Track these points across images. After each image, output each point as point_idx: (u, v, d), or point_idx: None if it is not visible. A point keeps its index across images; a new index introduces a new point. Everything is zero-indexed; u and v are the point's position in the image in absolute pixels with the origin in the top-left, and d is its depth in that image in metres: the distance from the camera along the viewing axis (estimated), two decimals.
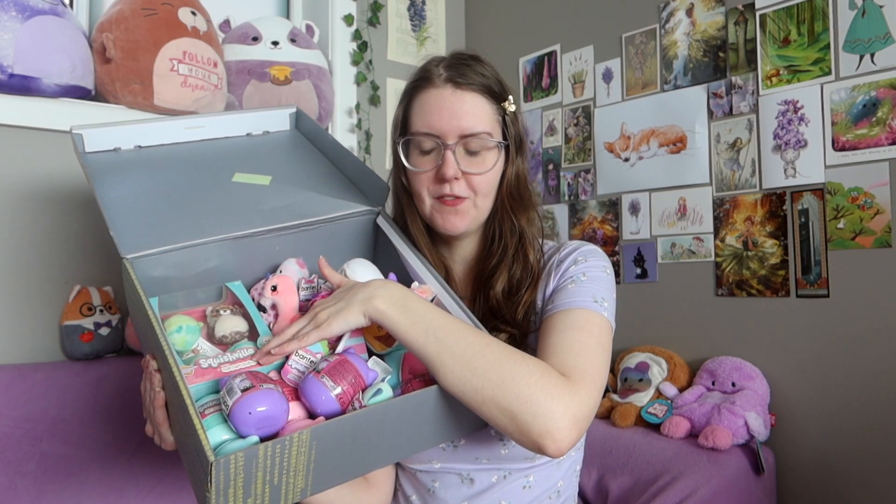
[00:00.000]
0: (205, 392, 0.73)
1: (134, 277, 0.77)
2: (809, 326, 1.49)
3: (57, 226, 1.41)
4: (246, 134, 1.09)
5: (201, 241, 0.86)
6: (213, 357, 0.76)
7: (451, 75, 0.92)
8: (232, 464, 0.59)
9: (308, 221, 0.93)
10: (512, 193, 0.97)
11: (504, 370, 0.71)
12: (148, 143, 1.01)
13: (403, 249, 0.93)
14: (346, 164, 1.04)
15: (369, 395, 0.72)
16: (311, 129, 1.11)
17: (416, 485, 1.00)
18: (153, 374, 0.75)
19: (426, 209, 0.95)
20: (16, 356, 1.36)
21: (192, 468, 0.67)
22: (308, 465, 0.65)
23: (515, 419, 0.71)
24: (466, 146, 0.92)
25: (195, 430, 0.61)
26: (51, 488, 1.20)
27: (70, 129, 0.95)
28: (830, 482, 1.45)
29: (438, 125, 0.91)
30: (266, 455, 0.61)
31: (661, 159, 1.76)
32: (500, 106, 0.95)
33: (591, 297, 0.87)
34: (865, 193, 1.40)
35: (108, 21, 1.44)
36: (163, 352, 0.69)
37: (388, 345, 0.83)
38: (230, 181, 0.97)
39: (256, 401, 0.66)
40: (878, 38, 1.39)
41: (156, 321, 0.72)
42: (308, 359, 0.75)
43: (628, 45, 1.84)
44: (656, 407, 1.56)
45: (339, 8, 1.95)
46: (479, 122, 0.92)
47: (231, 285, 0.88)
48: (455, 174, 0.91)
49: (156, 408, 0.75)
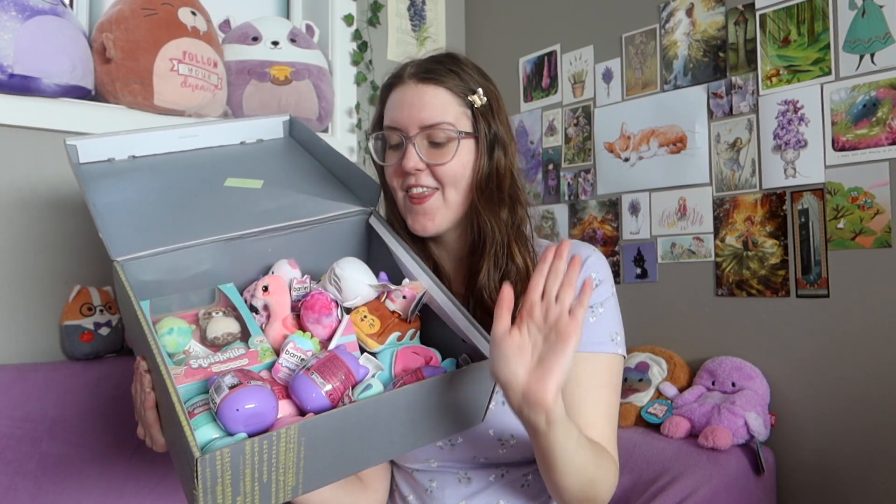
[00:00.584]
0: (195, 392, 0.73)
1: (124, 279, 0.77)
2: (809, 326, 1.48)
3: (57, 226, 1.41)
4: (240, 142, 1.09)
5: (193, 242, 0.85)
6: (203, 358, 0.76)
7: (417, 71, 0.94)
8: (218, 460, 0.58)
9: (300, 222, 0.93)
10: (481, 187, 0.94)
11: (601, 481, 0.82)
12: (142, 152, 1.01)
13: (395, 247, 0.93)
14: (339, 168, 1.04)
15: (359, 391, 0.71)
16: (306, 137, 1.11)
17: (412, 484, 1.00)
18: (143, 375, 0.74)
19: (400, 207, 0.97)
20: (16, 356, 1.36)
21: (182, 468, 0.66)
22: (298, 462, 0.65)
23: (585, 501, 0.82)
24: (430, 137, 0.92)
25: (181, 427, 0.60)
26: (51, 488, 1.20)
27: (64, 141, 0.95)
28: (830, 482, 1.45)
29: (400, 118, 0.93)
30: (253, 451, 0.60)
31: (661, 159, 1.76)
32: (466, 99, 0.93)
33: (608, 336, 0.92)
34: (865, 193, 1.40)
35: (108, 21, 1.44)
36: (151, 351, 0.69)
37: (380, 342, 0.83)
38: (222, 186, 0.97)
39: (244, 397, 0.65)
40: (878, 38, 1.39)
41: (144, 321, 0.72)
42: (299, 356, 0.75)
43: (628, 45, 1.84)
44: (656, 407, 1.56)
45: (339, 8, 1.95)
46: (439, 113, 0.92)
47: (223, 287, 0.88)
48: (416, 165, 0.91)
49: (146, 409, 0.74)
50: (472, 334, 0.81)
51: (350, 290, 0.86)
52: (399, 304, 0.86)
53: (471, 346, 0.81)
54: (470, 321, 0.82)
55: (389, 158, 0.96)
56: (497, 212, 0.94)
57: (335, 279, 0.86)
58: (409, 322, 0.86)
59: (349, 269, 0.87)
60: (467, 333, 0.81)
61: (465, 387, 0.78)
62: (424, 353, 0.82)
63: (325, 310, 0.83)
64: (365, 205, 0.98)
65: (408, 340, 0.85)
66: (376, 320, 0.84)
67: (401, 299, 0.86)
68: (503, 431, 0.91)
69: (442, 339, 0.86)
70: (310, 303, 0.84)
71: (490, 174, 0.95)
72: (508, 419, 0.91)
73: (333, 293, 0.86)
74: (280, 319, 0.84)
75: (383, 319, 0.84)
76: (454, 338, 0.84)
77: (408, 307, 0.86)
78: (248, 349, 0.79)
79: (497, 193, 0.95)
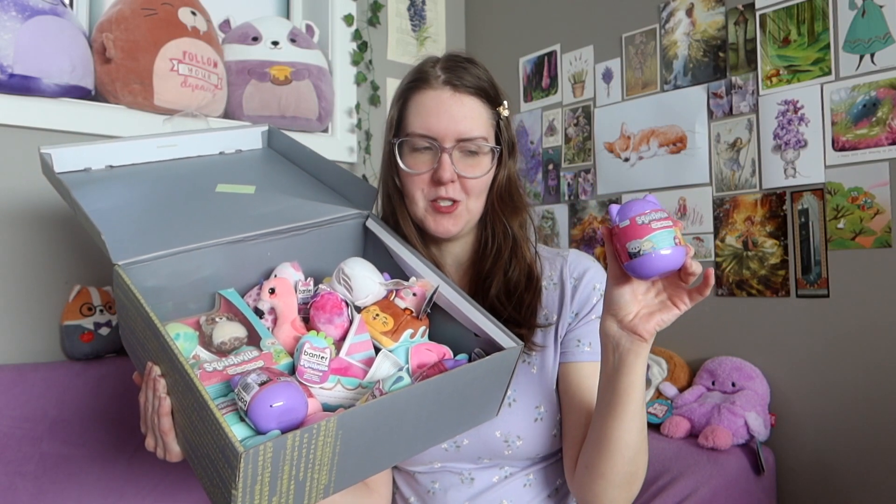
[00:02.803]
0: (214, 395, 0.70)
1: (129, 283, 0.75)
2: (809, 326, 1.49)
3: (57, 226, 1.41)
4: (219, 153, 1.08)
5: (193, 246, 0.84)
6: (216, 361, 0.74)
7: (449, 77, 0.92)
8: (261, 455, 0.56)
9: (298, 225, 0.92)
10: (502, 196, 0.97)
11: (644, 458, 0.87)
12: (119, 162, 0.99)
13: (397, 248, 0.92)
14: (327, 175, 1.03)
15: (390, 383, 0.70)
16: (286, 146, 1.10)
17: (414, 486, 0.99)
18: (157, 381, 0.71)
19: (419, 211, 0.95)
20: (16, 356, 1.36)
21: (209, 474, 0.64)
22: (333, 458, 0.63)
23: (631, 487, 0.86)
24: (462, 149, 0.92)
25: (218, 425, 0.58)
26: (51, 488, 1.20)
27: (38, 150, 0.93)
28: (830, 482, 1.45)
29: (436, 127, 0.91)
30: (294, 446, 0.58)
31: (661, 159, 1.76)
32: (495, 110, 0.95)
33: None
34: (865, 193, 1.40)
35: (108, 21, 1.44)
36: (170, 353, 0.66)
37: (394, 339, 0.83)
38: (213, 192, 0.96)
39: (276, 393, 0.64)
40: (878, 38, 1.39)
41: (159, 323, 0.70)
42: (318, 355, 0.74)
43: (628, 45, 1.84)
44: (656, 407, 1.56)
45: (339, 8, 1.95)
46: (476, 127, 0.92)
47: (225, 293, 0.87)
48: (451, 177, 0.91)
49: (161, 416, 0.71)
50: (488, 327, 0.80)
51: (361, 288, 0.85)
52: (409, 301, 0.86)
53: (485, 339, 0.81)
54: (485, 314, 0.81)
55: (416, 165, 0.93)
56: (511, 219, 0.97)
57: (345, 278, 0.85)
58: (420, 319, 0.86)
59: (358, 268, 0.86)
60: (481, 327, 0.81)
61: (483, 380, 0.78)
62: (437, 349, 0.82)
63: (337, 309, 0.82)
64: (359, 208, 0.98)
65: (420, 338, 0.85)
66: (389, 318, 0.84)
67: (410, 296, 0.85)
68: (510, 433, 0.92)
69: (451, 335, 0.86)
70: (320, 303, 0.83)
71: (507, 183, 0.97)
72: (515, 420, 0.92)
73: (343, 292, 0.85)
74: (289, 321, 0.83)
75: (396, 317, 0.84)
76: (464, 333, 0.84)
77: (419, 304, 0.85)
78: (262, 352, 0.77)
79: (511, 201, 0.98)
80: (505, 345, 0.78)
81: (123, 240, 0.81)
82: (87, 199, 0.86)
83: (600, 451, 0.83)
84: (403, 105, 0.96)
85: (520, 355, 0.80)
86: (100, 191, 0.91)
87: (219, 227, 0.88)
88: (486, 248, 0.98)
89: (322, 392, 0.75)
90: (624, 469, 0.83)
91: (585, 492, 0.87)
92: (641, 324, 0.74)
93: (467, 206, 0.94)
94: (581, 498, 0.90)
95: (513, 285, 0.95)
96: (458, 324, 0.85)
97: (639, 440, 0.82)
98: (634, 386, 0.78)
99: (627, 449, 0.81)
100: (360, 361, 0.80)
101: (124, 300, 0.79)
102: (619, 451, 0.81)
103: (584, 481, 0.87)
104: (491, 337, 0.80)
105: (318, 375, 0.74)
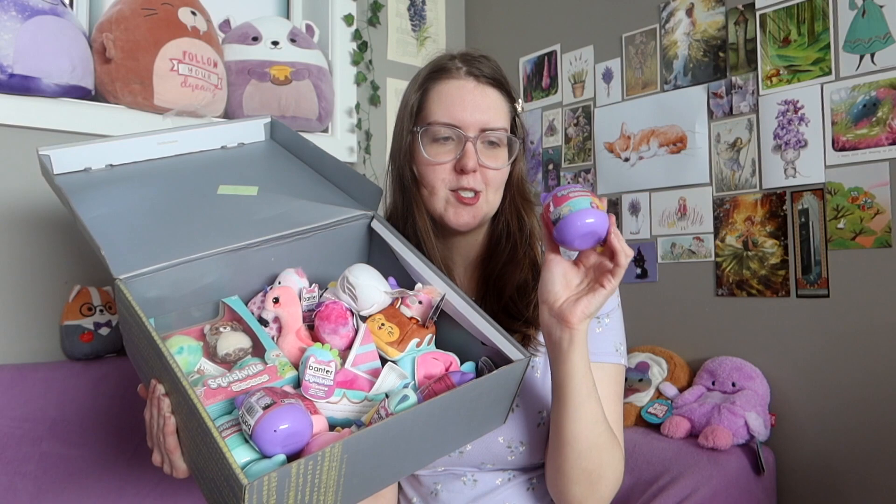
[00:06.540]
0: (218, 413, 0.69)
1: (130, 298, 0.73)
2: (809, 326, 1.48)
3: (57, 226, 1.41)
4: (221, 147, 1.06)
5: (195, 255, 0.82)
6: (220, 377, 0.73)
7: (471, 69, 0.93)
8: (265, 485, 0.56)
9: (302, 229, 0.90)
10: (521, 190, 0.99)
11: (606, 457, 0.85)
12: (119, 161, 0.97)
13: (403, 251, 0.90)
14: (330, 170, 1.02)
15: (395, 402, 0.69)
16: (289, 138, 1.08)
17: (417, 488, 0.99)
18: (161, 400, 0.71)
19: (439, 202, 0.94)
20: (16, 356, 1.36)
21: (215, 496, 0.64)
22: (338, 480, 0.63)
23: (593, 486, 0.85)
24: (484, 140, 0.92)
25: (221, 453, 0.58)
26: (51, 488, 1.20)
27: (37, 151, 0.91)
28: (830, 482, 1.45)
29: (461, 116, 0.91)
30: (299, 473, 0.58)
31: (661, 159, 1.76)
32: (512, 105, 0.96)
33: (613, 347, 0.94)
34: (865, 193, 1.40)
35: (108, 21, 1.44)
36: (173, 374, 0.65)
37: (400, 350, 0.81)
38: (215, 194, 0.94)
39: (280, 418, 0.63)
40: (878, 38, 1.39)
41: (161, 342, 0.69)
42: (323, 369, 0.73)
43: (628, 45, 1.84)
44: (656, 407, 1.56)
45: (339, 8, 1.95)
46: (499, 118, 0.93)
47: (228, 301, 0.85)
48: (475, 166, 0.91)
49: (166, 434, 0.71)
50: (496, 337, 0.79)
51: (366, 297, 0.83)
52: (415, 309, 0.83)
53: (492, 348, 0.79)
54: (492, 324, 0.80)
55: (438, 155, 0.92)
56: (530, 212, 0.98)
57: (349, 287, 0.83)
58: (427, 327, 0.84)
59: (363, 277, 0.84)
60: (489, 337, 0.79)
61: (490, 394, 0.76)
62: (444, 358, 0.81)
63: (342, 319, 0.81)
64: (364, 208, 0.96)
65: (426, 346, 0.83)
66: (395, 328, 0.82)
67: (416, 304, 0.83)
68: (513, 438, 0.91)
69: (458, 342, 0.84)
70: (325, 313, 0.81)
71: (520, 177, 0.99)
72: (519, 426, 0.91)
73: (348, 301, 0.83)
74: (293, 331, 0.81)
75: (402, 326, 0.82)
76: (471, 341, 0.83)
77: (425, 312, 0.83)
78: (266, 364, 0.76)
79: (527, 196, 0.99)
80: (512, 356, 0.76)
81: (124, 252, 0.79)
82: (86, 205, 0.84)
83: (553, 444, 0.85)
84: (424, 94, 0.95)
85: (527, 367, 0.78)
86: (99, 195, 0.89)
87: (221, 235, 0.85)
88: (501, 244, 0.98)
89: (328, 406, 0.74)
90: (578, 464, 0.83)
91: (552, 489, 0.89)
92: (569, 308, 0.77)
93: (487, 197, 0.94)
94: (553, 497, 0.90)
95: (525, 283, 0.95)
96: (465, 330, 0.83)
97: (590, 434, 0.82)
98: (572, 376, 0.79)
99: (577, 442, 0.82)
100: (366, 372, 0.79)
101: (126, 315, 0.77)
102: (567, 443, 0.82)
103: (548, 477, 0.89)
104: (498, 347, 0.78)
105: (323, 390, 0.73)
